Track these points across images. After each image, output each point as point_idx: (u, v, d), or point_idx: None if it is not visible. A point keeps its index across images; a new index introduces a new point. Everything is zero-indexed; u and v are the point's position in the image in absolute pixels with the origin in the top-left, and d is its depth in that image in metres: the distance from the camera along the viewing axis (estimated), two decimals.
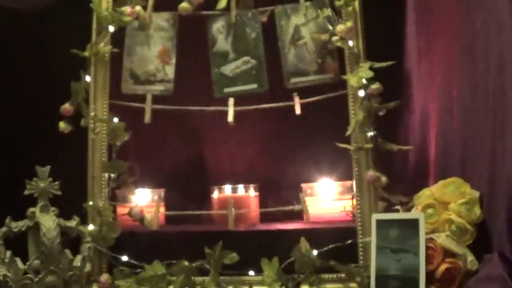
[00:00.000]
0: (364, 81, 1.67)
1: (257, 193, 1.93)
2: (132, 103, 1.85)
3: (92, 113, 1.77)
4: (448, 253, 1.51)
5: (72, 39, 1.80)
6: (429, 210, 1.56)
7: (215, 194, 1.94)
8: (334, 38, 1.72)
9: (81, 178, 1.78)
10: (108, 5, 1.81)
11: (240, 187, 1.94)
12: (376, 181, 1.67)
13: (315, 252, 1.67)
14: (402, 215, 1.59)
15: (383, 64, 1.68)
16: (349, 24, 1.70)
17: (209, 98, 1.87)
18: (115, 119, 1.80)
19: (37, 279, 1.53)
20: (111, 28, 1.80)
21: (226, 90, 1.86)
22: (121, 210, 1.84)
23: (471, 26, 1.61)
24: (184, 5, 1.82)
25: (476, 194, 1.55)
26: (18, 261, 1.56)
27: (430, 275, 1.48)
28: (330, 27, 1.73)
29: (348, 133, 1.70)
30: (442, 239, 1.52)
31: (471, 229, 1.52)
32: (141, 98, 1.85)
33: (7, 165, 1.89)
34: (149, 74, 1.87)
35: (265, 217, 1.90)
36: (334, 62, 1.80)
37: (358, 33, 1.73)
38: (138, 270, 1.71)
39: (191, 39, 1.91)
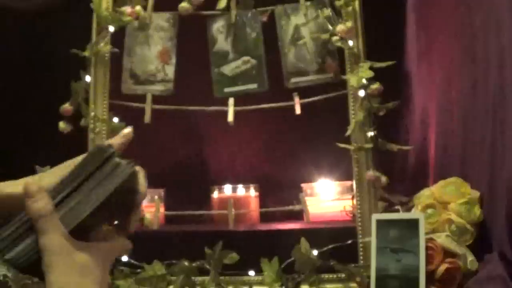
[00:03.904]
0: (364, 81, 1.67)
1: (257, 193, 1.93)
2: (132, 103, 1.85)
3: (92, 113, 1.77)
4: (448, 253, 1.51)
5: (72, 39, 1.80)
6: (429, 210, 1.56)
7: (215, 194, 1.94)
8: (334, 38, 1.72)
9: None
10: (108, 5, 1.81)
11: (240, 187, 1.94)
12: (376, 181, 1.67)
13: (315, 252, 1.67)
14: (402, 215, 1.59)
15: (383, 64, 1.68)
16: (349, 24, 1.70)
17: (209, 98, 1.87)
18: (115, 119, 1.80)
19: (37, 279, 1.53)
20: (111, 28, 1.80)
21: (226, 90, 1.86)
22: None
23: (471, 26, 1.61)
24: (184, 5, 1.82)
25: (476, 194, 1.54)
26: None
27: (430, 275, 1.48)
28: (330, 27, 1.73)
29: (348, 133, 1.70)
30: (442, 239, 1.52)
31: (471, 229, 1.52)
32: (141, 98, 1.85)
33: (7, 165, 1.88)
34: (149, 74, 1.87)
35: (265, 217, 1.90)
36: (334, 62, 1.80)
37: (358, 33, 1.73)
38: (138, 270, 1.71)
39: (191, 39, 1.91)
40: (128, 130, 0.79)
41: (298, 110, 1.80)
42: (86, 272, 0.67)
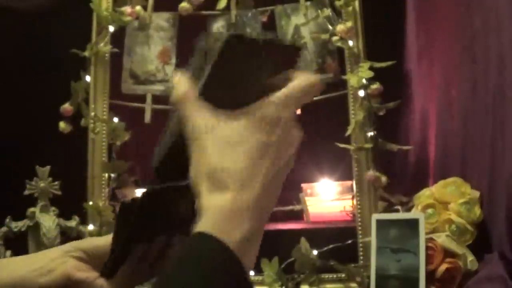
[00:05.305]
0: (364, 81, 1.67)
1: None
2: (132, 103, 1.85)
3: (92, 113, 1.77)
4: (448, 253, 1.51)
5: (72, 39, 1.80)
6: (429, 210, 1.56)
7: None
8: (334, 38, 1.72)
9: (81, 178, 1.78)
10: (108, 5, 1.81)
11: None
12: (376, 181, 1.67)
13: (315, 252, 1.67)
14: (402, 215, 1.59)
15: (383, 64, 1.68)
16: (349, 24, 1.70)
17: None
18: (115, 119, 1.80)
19: None
20: (111, 28, 1.80)
21: None
22: None
23: (471, 26, 1.61)
24: (184, 5, 1.82)
25: (476, 194, 1.54)
26: None
27: (430, 275, 1.48)
28: (330, 27, 1.73)
29: (348, 133, 1.70)
30: (442, 239, 1.51)
31: (471, 229, 1.52)
32: (141, 98, 1.85)
33: (7, 165, 1.89)
34: (149, 74, 1.87)
35: None
36: (334, 62, 1.80)
37: (358, 33, 1.73)
38: None
39: (191, 39, 1.90)
40: None
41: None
42: (236, 143, 0.63)
